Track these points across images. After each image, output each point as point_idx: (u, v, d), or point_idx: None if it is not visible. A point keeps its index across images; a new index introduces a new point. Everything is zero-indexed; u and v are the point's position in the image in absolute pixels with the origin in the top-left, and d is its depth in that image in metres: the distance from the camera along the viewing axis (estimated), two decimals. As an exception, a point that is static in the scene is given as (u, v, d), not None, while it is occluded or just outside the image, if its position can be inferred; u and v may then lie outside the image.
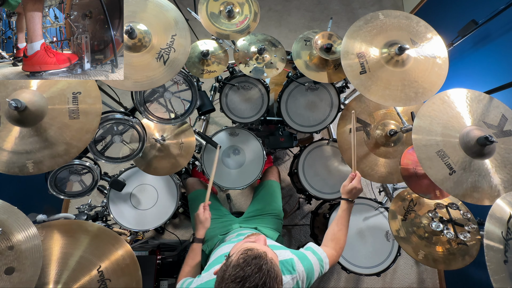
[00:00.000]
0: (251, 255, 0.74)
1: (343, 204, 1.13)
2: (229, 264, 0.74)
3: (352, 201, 1.13)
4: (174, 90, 1.25)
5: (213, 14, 1.31)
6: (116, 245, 0.97)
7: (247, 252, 0.74)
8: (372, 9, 2.95)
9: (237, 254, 0.75)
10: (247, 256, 0.73)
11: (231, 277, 0.70)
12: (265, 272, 0.71)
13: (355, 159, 1.17)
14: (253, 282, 0.69)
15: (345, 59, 1.10)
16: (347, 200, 1.12)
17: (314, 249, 1.03)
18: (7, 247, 0.78)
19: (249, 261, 0.72)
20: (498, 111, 1.01)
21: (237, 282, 0.69)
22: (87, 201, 1.52)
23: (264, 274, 0.71)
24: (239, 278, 0.70)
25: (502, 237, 0.83)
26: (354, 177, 1.13)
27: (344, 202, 1.13)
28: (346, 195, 1.12)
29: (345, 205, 1.12)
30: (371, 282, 2.13)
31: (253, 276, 0.70)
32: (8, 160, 0.87)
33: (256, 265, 0.71)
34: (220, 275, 0.74)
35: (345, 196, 1.13)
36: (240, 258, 0.73)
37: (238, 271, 0.71)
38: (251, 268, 0.71)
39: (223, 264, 0.77)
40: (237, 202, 2.31)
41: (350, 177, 1.14)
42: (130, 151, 1.21)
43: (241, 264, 0.72)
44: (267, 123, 1.76)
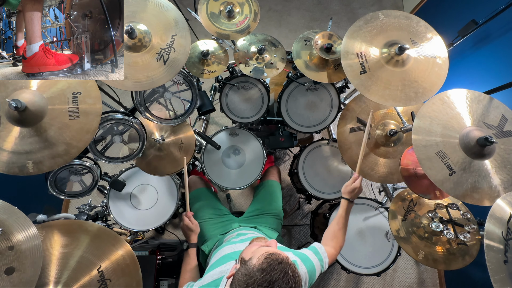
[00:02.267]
0: (275, 259, 0.73)
1: (343, 203, 1.14)
2: (252, 269, 0.72)
3: (352, 201, 1.14)
4: (174, 90, 1.25)
5: (213, 14, 1.31)
6: (116, 245, 0.97)
7: (271, 257, 0.74)
8: (372, 9, 2.95)
9: (260, 258, 0.74)
10: (271, 261, 0.73)
11: (257, 281, 0.70)
12: (290, 277, 0.71)
13: (361, 161, 1.18)
14: (282, 286, 0.70)
15: (345, 59, 1.10)
16: (347, 200, 1.14)
17: (316, 248, 1.04)
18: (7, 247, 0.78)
19: (274, 265, 0.72)
20: (498, 112, 1.01)
21: (264, 287, 0.69)
22: (87, 201, 1.52)
23: (290, 279, 0.71)
24: (266, 282, 0.69)
25: (502, 237, 0.83)
26: (357, 178, 1.15)
27: (344, 201, 1.14)
28: (347, 195, 1.14)
29: (345, 204, 1.14)
30: (371, 282, 2.13)
31: (279, 281, 0.70)
32: (8, 160, 0.87)
33: (282, 270, 0.71)
34: (242, 279, 0.72)
35: (346, 196, 1.14)
36: (264, 262, 0.73)
37: (264, 275, 0.70)
38: (277, 272, 0.71)
39: (241, 268, 0.75)
40: (237, 202, 2.31)
41: (354, 177, 1.15)
42: (130, 151, 1.21)
43: (266, 268, 0.71)
44: (267, 123, 1.76)
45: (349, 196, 1.14)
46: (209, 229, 1.37)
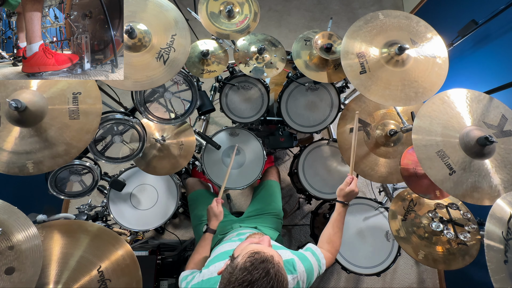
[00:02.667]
0: (258, 258, 0.72)
1: (338, 207, 1.11)
2: (235, 267, 0.72)
3: (347, 204, 1.11)
4: (174, 90, 1.25)
5: (213, 14, 1.31)
6: (116, 245, 0.97)
7: (254, 255, 0.73)
8: (372, 9, 2.95)
9: (244, 256, 0.74)
10: (254, 260, 0.72)
11: (238, 280, 0.69)
12: (272, 276, 0.70)
13: (353, 162, 1.16)
14: (260, 287, 0.69)
15: (345, 59, 1.10)
16: (342, 203, 1.11)
17: (313, 250, 1.04)
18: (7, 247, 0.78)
19: (256, 264, 0.71)
20: (498, 111, 1.01)
21: (244, 286, 0.69)
22: (87, 201, 1.52)
23: (272, 278, 0.70)
24: (246, 282, 0.69)
25: (503, 237, 0.83)
26: (351, 181, 1.11)
27: (339, 205, 1.11)
28: (342, 198, 1.11)
29: (340, 208, 1.11)
30: (371, 282, 2.13)
31: (260, 281, 0.69)
32: (8, 160, 0.87)
33: (263, 269, 0.70)
34: (226, 277, 0.73)
35: (340, 199, 1.11)
36: (247, 261, 0.72)
37: (245, 274, 0.70)
38: (259, 272, 0.70)
39: (228, 265, 0.76)
40: (237, 202, 2.31)
41: (347, 180, 1.11)
42: (130, 151, 1.21)
43: (248, 267, 0.71)
44: (267, 123, 1.76)
45: (344, 199, 1.10)
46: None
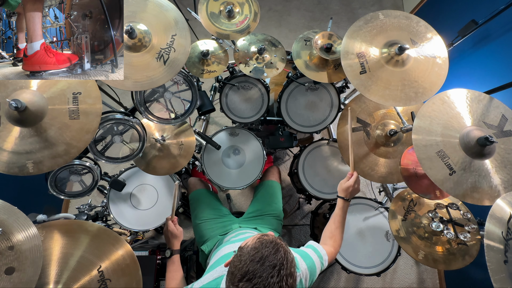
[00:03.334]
0: (267, 239, 0.76)
1: (339, 202, 1.14)
2: (245, 249, 0.74)
3: (348, 200, 1.14)
4: (174, 90, 1.25)
5: (213, 14, 1.31)
6: (116, 245, 0.97)
7: (263, 237, 0.76)
8: (372, 9, 2.95)
9: (253, 240, 0.76)
10: (263, 240, 0.75)
11: (250, 257, 0.71)
12: (282, 254, 0.73)
13: (352, 159, 1.18)
14: (272, 261, 0.71)
15: (345, 59, 1.10)
16: (343, 199, 1.14)
17: (314, 247, 1.04)
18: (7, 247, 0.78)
19: (266, 243, 0.74)
20: (498, 111, 1.01)
21: (256, 262, 0.70)
22: (87, 201, 1.52)
23: (282, 256, 0.73)
24: (258, 257, 0.71)
25: (502, 237, 0.83)
26: (350, 177, 1.15)
27: (340, 200, 1.14)
28: (342, 193, 1.14)
29: (341, 203, 1.14)
30: (371, 282, 2.13)
31: (271, 256, 0.71)
32: (8, 160, 0.86)
33: (273, 247, 0.73)
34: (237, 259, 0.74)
35: (341, 194, 1.14)
36: (257, 242, 0.75)
37: (256, 252, 0.72)
38: (269, 249, 0.72)
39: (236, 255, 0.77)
40: (237, 202, 2.31)
41: (348, 176, 1.16)
42: (130, 151, 1.21)
43: (258, 247, 0.73)
44: (267, 123, 1.76)
45: (344, 195, 1.13)
46: (209, 229, 1.37)
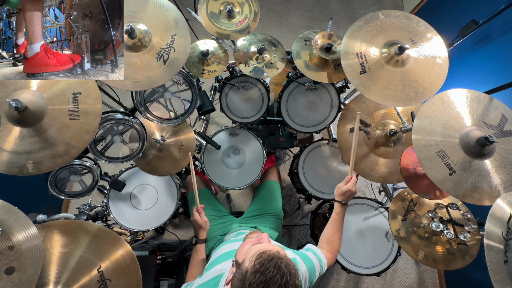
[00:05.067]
0: (266, 258, 0.73)
1: (337, 206, 1.11)
2: (245, 272, 0.72)
3: (345, 204, 1.11)
4: (174, 90, 1.25)
5: (213, 14, 1.31)
6: (116, 245, 0.97)
7: (261, 256, 0.73)
8: (372, 9, 2.95)
9: (251, 260, 0.74)
10: (262, 260, 0.72)
11: (253, 284, 0.69)
12: (284, 271, 0.71)
13: (353, 162, 1.15)
14: (276, 284, 0.69)
15: (345, 59, 1.10)
16: (340, 203, 1.11)
17: (313, 250, 1.04)
18: (7, 247, 0.78)
19: (266, 264, 0.71)
20: (498, 111, 1.01)
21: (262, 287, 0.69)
22: (87, 201, 1.52)
23: (284, 273, 0.71)
24: (262, 283, 0.69)
25: (502, 237, 0.83)
26: (349, 180, 1.11)
27: (338, 204, 1.11)
28: (339, 197, 1.11)
29: (338, 208, 1.11)
30: (371, 282, 2.13)
31: (274, 278, 0.70)
32: (8, 160, 0.86)
33: (274, 266, 0.71)
34: (238, 285, 0.72)
35: (338, 199, 1.11)
36: (256, 263, 0.72)
37: (258, 276, 0.70)
38: (270, 270, 0.70)
39: (236, 273, 0.75)
40: (237, 202, 2.31)
41: (346, 180, 1.12)
42: (130, 151, 1.21)
43: (259, 269, 0.71)
44: (267, 123, 1.76)
45: (341, 199, 1.10)
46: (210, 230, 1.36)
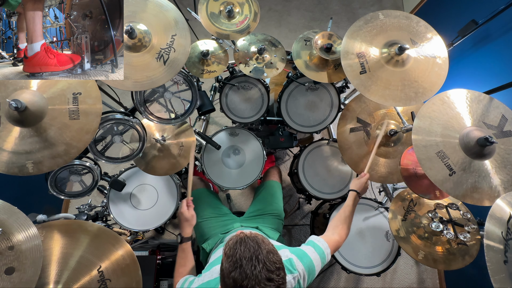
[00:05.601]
0: (232, 242, 0.76)
1: (352, 195, 1.18)
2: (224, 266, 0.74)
3: (360, 195, 1.19)
4: (174, 90, 1.25)
5: (213, 14, 1.31)
6: (116, 245, 0.97)
7: (229, 242, 0.76)
8: (372, 9, 2.95)
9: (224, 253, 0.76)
10: (230, 245, 0.75)
11: (229, 269, 0.72)
12: (250, 243, 0.73)
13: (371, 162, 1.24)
14: (246, 256, 0.71)
15: (345, 59, 1.10)
16: (356, 192, 1.18)
17: (315, 242, 1.03)
18: (7, 247, 0.78)
19: (233, 246, 0.74)
20: (498, 112, 1.01)
21: (235, 269, 0.71)
22: (87, 201, 1.52)
23: (250, 244, 0.73)
24: (235, 263, 0.71)
25: (502, 237, 0.83)
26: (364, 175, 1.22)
27: (353, 193, 1.18)
28: (356, 186, 1.19)
29: (353, 196, 1.18)
30: (371, 282, 2.13)
31: (243, 254, 0.72)
32: (8, 160, 0.86)
33: (240, 244, 0.73)
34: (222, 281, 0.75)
35: (355, 188, 1.19)
36: (227, 251, 0.75)
37: (230, 260, 0.72)
38: (237, 249, 0.73)
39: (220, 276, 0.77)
40: (237, 202, 2.31)
41: (362, 174, 1.23)
42: (130, 151, 1.21)
43: (229, 254, 0.73)
44: (267, 123, 1.76)
45: (359, 189, 1.18)
46: (211, 227, 1.37)
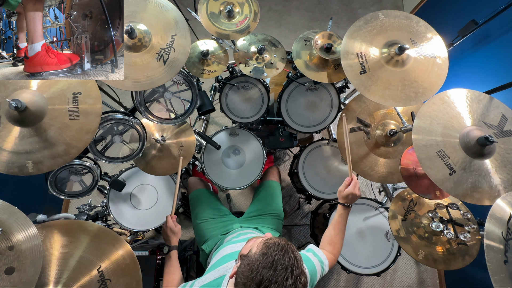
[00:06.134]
0: (272, 242, 0.76)
1: (339, 208, 1.10)
2: (253, 256, 0.74)
3: (349, 206, 1.10)
4: (174, 90, 1.25)
5: (213, 14, 1.31)
6: (116, 245, 0.97)
7: (269, 241, 0.77)
8: (372, 9, 2.95)
9: (258, 246, 0.77)
10: (269, 244, 0.75)
11: (262, 264, 0.72)
12: (291, 255, 0.74)
13: (350, 163, 1.14)
14: (284, 264, 0.72)
15: (345, 59, 1.10)
16: (343, 205, 1.10)
17: (314, 251, 1.04)
18: (7, 247, 0.78)
19: (273, 247, 0.74)
20: (498, 111, 1.01)
21: (268, 268, 0.71)
22: (87, 201, 1.52)
23: (291, 256, 0.74)
24: (269, 263, 0.71)
25: (502, 237, 0.83)
26: (349, 183, 1.09)
27: (340, 206, 1.10)
28: (342, 200, 1.10)
29: (341, 210, 1.10)
30: (371, 282, 2.13)
31: (281, 259, 0.72)
32: (8, 160, 0.86)
33: (281, 250, 0.74)
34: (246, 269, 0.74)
35: (341, 201, 1.10)
36: (263, 247, 0.75)
37: (266, 258, 0.72)
38: (277, 253, 0.73)
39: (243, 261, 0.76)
40: (237, 202, 2.31)
41: (345, 183, 1.10)
42: (130, 151, 1.21)
43: (266, 252, 0.74)
44: (267, 123, 1.76)
45: (344, 201, 1.09)
46: (210, 229, 1.37)
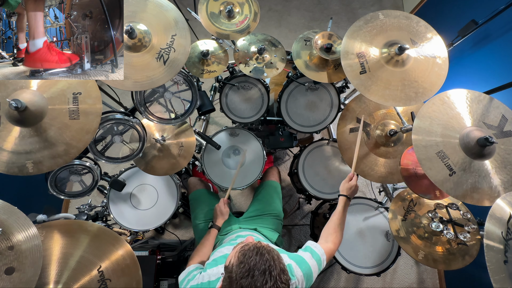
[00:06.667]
0: (247, 248, 0.76)
1: (342, 200, 1.17)
2: (231, 268, 0.75)
3: (350, 199, 1.18)
4: (174, 90, 1.25)
5: (213, 14, 1.31)
6: (116, 245, 0.97)
7: (244, 248, 0.77)
8: (372, 9, 2.95)
9: (235, 255, 0.77)
10: (245, 251, 0.76)
11: (239, 274, 0.72)
12: (267, 256, 0.74)
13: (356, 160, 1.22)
14: (260, 268, 0.72)
15: (345, 59, 1.10)
16: (346, 197, 1.17)
17: (312, 248, 1.03)
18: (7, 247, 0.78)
19: (248, 253, 0.75)
20: (498, 112, 1.01)
21: (246, 276, 0.71)
22: (87, 201, 1.52)
23: (267, 257, 0.74)
24: (247, 271, 0.72)
25: (502, 237, 0.83)
26: (352, 177, 1.20)
27: (343, 198, 1.17)
28: (345, 191, 1.18)
29: (343, 201, 1.17)
30: (371, 282, 2.13)
31: (258, 264, 0.72)
32: (8, 160, 0.86)
33: (256, 254, 0.74)
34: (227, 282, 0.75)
35: (344, 193, 1.18)
36: (240, 255, 0.75)
37: (243, 266, 0.73)
38: (253, 259, 0.73)
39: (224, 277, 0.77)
40: (237, 202, 2.31)
41: (349, 176, 1.21)
42: (130, 151, 1.21)
43: (242, 260, 0.74)
44: (267, 123, 1.76)
45: (348, 193, 1.18)
46: (210, 228, 1.37)
